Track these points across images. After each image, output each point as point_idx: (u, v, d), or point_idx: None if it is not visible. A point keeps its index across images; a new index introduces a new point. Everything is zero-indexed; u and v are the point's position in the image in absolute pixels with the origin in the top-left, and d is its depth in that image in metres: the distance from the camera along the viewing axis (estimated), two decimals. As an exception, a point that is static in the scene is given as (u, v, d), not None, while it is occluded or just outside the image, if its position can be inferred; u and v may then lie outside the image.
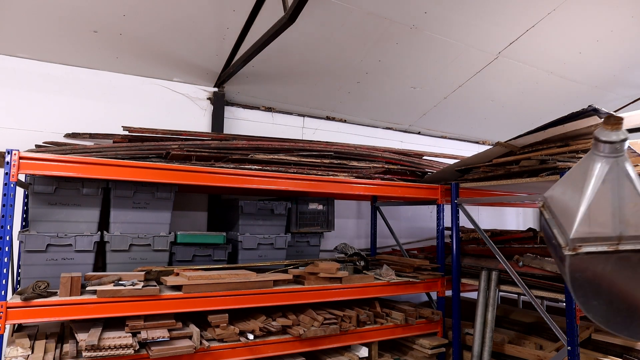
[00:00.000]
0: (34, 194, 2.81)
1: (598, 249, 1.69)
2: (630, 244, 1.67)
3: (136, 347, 2.51)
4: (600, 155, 1.69)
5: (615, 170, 1.66)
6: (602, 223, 1.68)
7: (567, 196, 1.80)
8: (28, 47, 3.48)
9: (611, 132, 1.67)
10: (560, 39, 4.22)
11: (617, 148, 1.67)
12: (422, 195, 3.97)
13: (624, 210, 1.67)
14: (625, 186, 1.66)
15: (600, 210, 1.68)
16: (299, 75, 4.31)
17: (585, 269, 1.74)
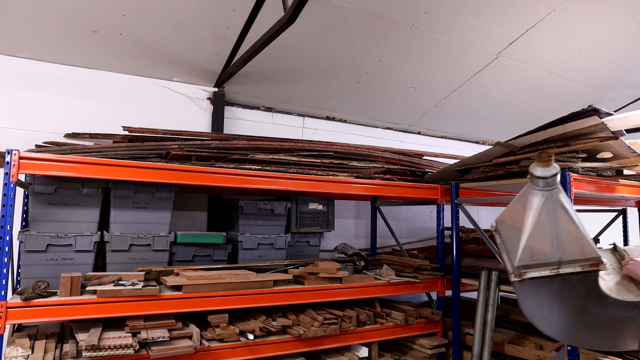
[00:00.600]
0: (34, 194, 2.81)
1: (541, 274, 1.85)
2: (570, 267, 1.83)
3: (136, 347, 2.51)
4: (536, 189, 1.84)
5: (550, 202, 1.82)
6: (542, 250, 1.84)
7: (511, 225, 1.96)
8: (28, 47, 3.48)
9: (543, 169, 1.80)
10: (560, 39, 4.22)
11: (549, 182, 1.81)
12: (422, 195, 3.97)
13: (561, 237, 1.82)
14: (560, 216, 1.81)
15: (539, 239, 1.83)
16: (299, 75, 4.31)
17: (533, 292, 1.90)
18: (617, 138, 3.06)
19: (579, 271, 1.83)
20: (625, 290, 2.04)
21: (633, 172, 3.50)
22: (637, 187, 3.54)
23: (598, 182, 3.25)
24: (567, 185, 2.95)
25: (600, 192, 3.28)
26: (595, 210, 5.60)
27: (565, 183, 2.96)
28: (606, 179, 3.34)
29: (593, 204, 5.31)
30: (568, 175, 2.96)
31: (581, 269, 1.83)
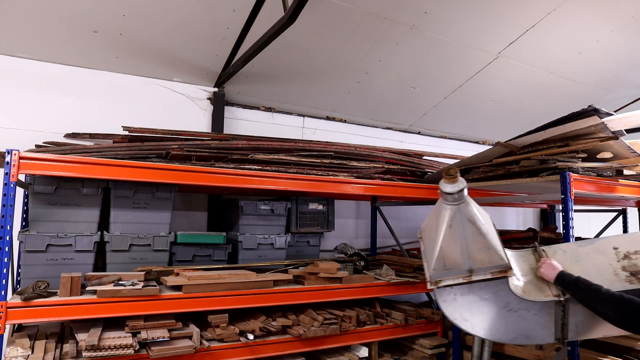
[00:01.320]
0: (34, 194, 2.81)
1: (455, 282, 2.03)
2: (481, 274, 2.00)
3: (136, 347, 2.51)
4: (446, 204, 1.98)
5: (459, 216, 1.96)
6: (454, 260, 2.00)
7: (429, 236, 2.12)
8: (28, 47, 3.48)
9: (450, 185, 1.92)
10: (560, 39, 4.22)
11: (456, 197, 1.94)
12: (422, 195, 3.96)
13: (470, 248, 1.98)
14: (468, 228, 1.96)
15: (451, 250, 1.99)
16: (299, 75, 4.31)
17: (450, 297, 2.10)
18: (617, 138, 3.06)
19: (489, 278, 2.00)
20: (537, 291, 2.19)
21: (633, 172, 3.50)
22: (637, 187, 3.53)
23: (598, 182, 3.25)
24: (567, 185, 2.95)
25: (600, 192, 3.28)
26: (595, 210, 5.60)
27: (566, 183, 2.96)
28: (606, 179, 3.34)
29: (593, 204, 5.31)
30: (568, 175, 2.96)
31: (491, 276, 2.00)
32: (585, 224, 5.69)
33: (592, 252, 2.36)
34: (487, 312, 2.11)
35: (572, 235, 2.93)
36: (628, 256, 2.26)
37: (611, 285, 2.08)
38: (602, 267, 2.24)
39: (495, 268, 1.99)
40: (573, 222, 2.97)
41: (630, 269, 2.19)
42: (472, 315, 2.11)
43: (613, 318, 1.90)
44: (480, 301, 2.09)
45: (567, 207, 2.95)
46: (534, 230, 4.77)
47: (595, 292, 1.97)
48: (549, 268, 2.18)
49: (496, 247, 1.97)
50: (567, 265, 2.25)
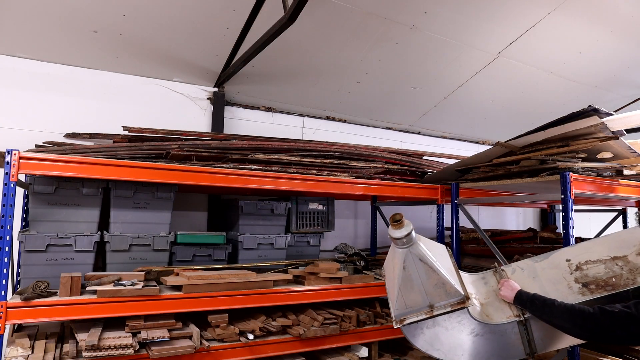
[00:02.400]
0: (34, 194, 2.81)
1: (419, 318, 2.11)
2: (441, 308, 2.09)
3: (136, 347, 2.52)
4: (397, 248, 2.10)
5: (410, 257, 2.08)
6: (413, 299, 2.10)
7: (388, 277, 2.23)
8: (28, 47, 3.48)
9: (397, 230, 2.04)
10: (560, 39, 4.22)
11: (404, 241, 2.06)
12: (422, 195, 3.96)
13: (426, 285, 2.08)
14: (420, 267, 2.07)
15: (409, 289, 2.10)
16: (299, 75, 4.31)
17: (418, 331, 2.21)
18: (617, 138, 3.06)
19: (449, 310, 2.09)
20: (499, 312, 2.25)
21: (633, 172, 3.50)
22: (637, 187, 3.53)
23: (598, 182, 3.25)
24: (567, 185, 2.96)
25: (600, 192, 3.28)
26: (596, 210, 5.60)
27: (566, 183, 2.96)
28: (606, 179, 3.34)
29: (593, 204, 5.31)
30: (568, 175, 2.96)
31: (451, 309, 2.08)
32: (585, 224, 5.69)
33: (548, 266, 2.40)
34: (456, 340, 2.19)
35: (572, 235, 2.93)
36: (580, 267, 2.30)
37: (565, 298, 2.12)
38: (557, 281, 2.29)
39: (453, 300, 2.07)
40: (573, 222, 2.97)
41: (582, 280, 2.23)
42: (443, 345, 2.21)
43: (569, 329, 1.98)
44: (447, 331, 2.18)
45: (567, 207, 2.95)
46: (534, 230, 4.76)
47: (550, 306, 2.04)
48: (507, 289, 2.25)
49: (450, 281, 2.07)
50: (525, 283, 2.31)
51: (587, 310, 1.92)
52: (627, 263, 2.20)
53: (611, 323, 1.84)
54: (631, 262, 2.19)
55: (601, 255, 2.31)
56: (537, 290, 2.19)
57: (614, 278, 2.17)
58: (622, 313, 1.83)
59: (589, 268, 2.27)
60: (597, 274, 2.23)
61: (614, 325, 1.83)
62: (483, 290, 2.41)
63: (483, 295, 2.38)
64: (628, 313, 1.82)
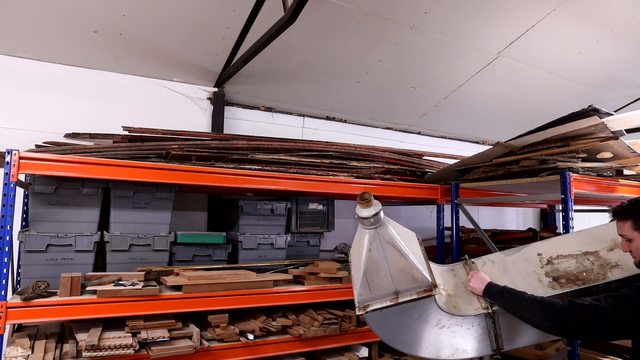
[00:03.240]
0: (34, 194, 2.81)
1: (383, 305, 1.99)
2: (407, 295, 1.97)
3: (136, 347, 2.52)
4: (364, 229, 1.96)
5: (377, 239, 1.94)
6: (379, 284, 1.98)
7: (354, 261, 2.10)
8: (28, 47, 3.47)
9: (365, 209, 1.89)
10: (560, 39, 4.22)
11: (372, 221, 1.91)
12: (422, 195, 3.96)
13: (392, 270, 1.95)
14: (388, 250, 1.94)
15: (374, 274, 1.97)
16: (299, 75, 4.31)
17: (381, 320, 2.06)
18: (617, 138, 3.06)
19: (415, 298, 1.97)
20: (467, 304, 2.17)
21: (633, 172, 3.50)
22: (637, 187, 3.54)
23: (598, 182, 3.25)
24: (567, 185, 2.96)
25: (600, 192, 3.28)
26: (596, 210, 5.60)
27: (566, 183, 2.96)
28: (606, 179, 3.34)
29: (593, 204, 5.31)
30: (568, 175, 2.96)
31: (417, 296, 1.97)
32: (585, 224, 5.67)
33: (519, 260, 2.37)
34: (421, 331, 2.10)
35: (572, 235, 2.93)
36: (551, 261, 2.28)
37: (535, 291, 2.09)
38: (527, 275, 2.25)
39: (420, 287, 1.96)
40: (573, 222, 2.98)
41: (553, 274, 2.21)
42: (407, 337, 2.11)
43: (537, 322, 1.91)
44: (412, 321, 2.07)
45: (567, 207, 2.96)
46: (534, 230, 4.77)
47: (519, 299, 1.99)
48: (477, 281, 2.19)
49: (418, 267, 1.95)
50: (495, 276, 2.26)
51: (557, 302, 1.87)
52: (599, 258, 2.19)
53: (580, 316, 1.79)
54: (602, 258, 2.19)
55: (573, 250, 2.30)
56: (507, 283, 2.13)
57: (585, 273, 2.15)
58: (592, 306, 1.79)
59: (560, 262, 2.25)
60: (568, 268, 2.21)
61: (583, 319, 1.79)
62: (452, 282, 2.35)
63: (451, 287, 2.31)
64: (598, 306, 1.78)
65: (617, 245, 2.14)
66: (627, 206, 1.93)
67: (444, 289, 2.25)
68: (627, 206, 1.93)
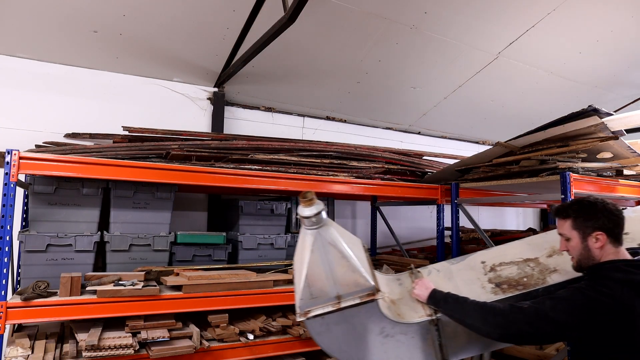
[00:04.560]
0: (34, 194, 2.81)
1: (325, 310, 1.89)
2: (350, 300, 1.89)
3: (136, 347, 2.52)
4: (306, 229, 1.86)
5: (319, 240, 1.85)
6: (320, 288, 1.88)
7: (296, 265, 2.00)
8: (28, 47, 3.47)
9: (307, 209, 1.81)
10: (560, 39, 4.22)
11: (314, 221, 1.82)
12: (422, 195, 3.96)
13: (335, 273, 1.87)
14: (330, 252, 1.85)
15: (316, 277, 1.87)
16: (299, 75, 4.31)
17: (323, 328, 1.95)
18: (617, 138, 3.06)
19: (358, 302, 1.89)
20: (411, 312, 2.11)
21: (633, 172, 3.50)
22: (637, 187, 3.53)
23: (598, 182, 3.25)
24: (567, 185, 2.96)
25: (600, 192, 3.28)
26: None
27: (566, 183, 2.96)
28: (606, 179, 3.34)
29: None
30: (568, 175, 2.96)
31: (360, 300, 1.89)
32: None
33: (463, 268, 2.37)
34: (364, 341, 2.02)
35: (572, 235, 2.93)
36: (494, 269, 2.29)
37: (478, 297, 2.06)
38: (471, 282, 2.25)
39: (363, 291, 1.89)
40: (573, 222, 2.97)
41: (495, 280, 2.21)
42: (350, 346, 2.01)
43: (479, 327, 1.87)
44: (355, 329, 1.99)
45: (567, 207, 2.95)
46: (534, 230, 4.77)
47: (462, 304, 1.96)
48: (421, 288, 2.14)
49: (361, 270, 1.88)
50: (440, 284, 2.24)
51: (498, 307, 1.85)
52: (538, 264, 2.21)
53: (520, 319, 1.77)
54: (542, 264, 2.20)
55: (515, 257, 2.31)
56: (451, 290, 2.10)
57: (526, 278, 2.16)
58: (531, 309, 1.77)
59: (503, 269, 2.27)
60: (510, 274, 2.22)
61: (523, 322, 1.76)
62: (397, 291, 2.30)
63: (397, 295, 2.25)
64: (536, 308, 1.76)
65: (556, 251, 2.15)
66: (568, 205, 1.92)
67: (389, 297, 2.19)
68: (568, 205, 1.92)
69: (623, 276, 1.70)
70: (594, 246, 1.82)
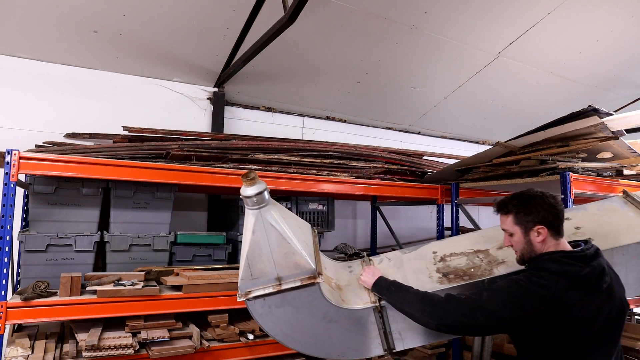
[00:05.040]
0: (34, 194, 2.81)
1: (265, 292, 1.89)
2: (290, 282, 1.88)
3: (136, 347, 2.52)
4: (248, 209, 1.86)
5: (260, 221, 1.84)
6: (261, 268, 1.87)
7: (242, 247, 1.96)
8: (28, 47, 3.47)
9: (249, 188, 1.80)
10: (560, 39, 4.22)
11: (256, 201, 1.82)
12: (422, 195, 3.96)
13: (275, 254, 1.86)
14: (271, 233, 1.84)
15: (257, 257, 1.87)
16: (299, 75, 4.31)
17: (265, 310, 1.93)
18: (617, 138, 3.06)
19: (298, 285, 1.88)
20: (356, 298, 2.09)
21: (633, 172, 3.50)
22: (637, 187, 3.53)
23: (598, 182, 3.25)
24: (567, 185, 2.96)
25: (600, 192, 3.28)
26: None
27: (566, 183, 2.96)
28: (606, 179, 3.34)
29: (593, 204, 5.30)
30: (568, 175, 2.96)
31: (301, 283, 1.88)
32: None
33: (414, 257, 2.36)
34: (308, 325, 1.98)
35: (572, 235, 2.93)
36: (444, 259, 2.28)
37: (423, 286, 2.04)
38: (419, 271, 2.23)
39: (304, 274, 1.88)
40: (573, 222, 2.97)
41: (443, 270, 2.20)
42: (294, 330, 1.98)
43: (417, 317, 1.85)
44: (297, 312, 1.95)
45: (567, 207, 2.95)
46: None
47: (404, 293, 1.93)
48: (368, 275, 2.11)
49: (301, 252, 1.87)
50: (389, 272, 2.21)
51: (437, 297, 1.83)
52: (488, 256, 2.20)
53: (456, 310, 1.74)
54: (491, 255, 2.20)
55: (466, 248, 2.30)
56: (399, 279, 2.06)
57: (473, 269, 2.14)
58: (468, 299, 1.75)
59: (453, 260, 2.25)
60: (458, 265, 2.20)
61: (459, 312, 1.73)
62: (346, 277, 2.28)
63: (344, 282, 2.23)
64: (473, 299, 1.74)
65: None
66: (508, 200, 1.89)
67: (336, 283, 2.17)
68: (508, 200, 1.89)
69: (558, 267, 1.69)
70: (536, 240, 1.80)
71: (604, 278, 1.69)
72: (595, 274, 1.68)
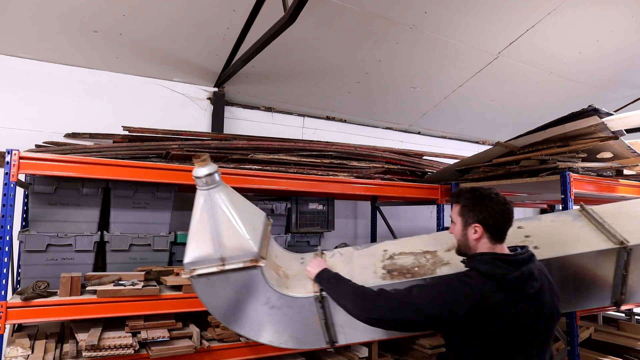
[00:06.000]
0: (34, 194, 2.81)
1: (209, 271, 1.92)
2: (233, 264, 1.92)
3: (136, 347, 2.52)
4: (199, 189, 1.90)
5: (209, 201, 1.88)
6: (205, 248, 1.91)
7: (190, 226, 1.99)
8: (28, 47, 3.47)
9: (200, 169, 1.84)
10: (560, 39, 4.22)
11: (206, 182, 1.86)
12: (422, 195, 3.96)
13: (221, 235, 1.89)
14: (218, 214, 1.88)
15: (202, 236, 1.90)
16: (299, 75, 4.31)
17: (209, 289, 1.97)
18: (617, 138, 3.06)
19: (241, 267, 1.92)
20: (300, 287, 2.11)
21: (633, 172, 3.50)
22: (637, 187, 3.53)
23: (598, 182, 3.25)
24: (567, 185, 2.96)
25: (600, 192, 3.28)
26: (595, 210, 5.59)
27: (566, 183, 2.96)
28: (606, 179, 3.34)
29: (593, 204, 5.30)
30: (568, 175, 2.96)
31: (243, 265, 1.92)
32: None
33: (365, 254, 2.38)
34: (250, 309, 2.01)
35: (572, 235, 2.93)
36: (392, 257, 2.31)
37: (366, 281, 2.06)
38: (366, 267, 2.26)
39: (246, 257, 1.91)
40: (573, 222, 2.97)
41: (389, 267, 2.23)
42: (236, 313, 2.02)
43: (350, 309, 1.86)
44: (239, 294, 1.99)
45: (567, 207, 2.95)
46: (534, 230, 4.75)
47: (341, 285, 1.95)
48: (314, 266, 2.13)
49: (246, 236, 1.90)
50: (338, 266, 2.23)
51: (370, 291, 1.84)
52: (434, 257, 2.25)
53: (385, 304, 1.75)
54: (438, 256, 2.24)
55: (415, 248, 2.36)
56: (345, 273, 2.08)
57: (417, 268, 2.18)
58: (398, 294, 1.76)
59: (400, 258, 2.29)
60: (404, 263, 2.24)
61: (388, 307, 1.74)
62: (296, 268, 2.30)
63: (293, 272, 2.25)
64: (403, 295, 1.75)
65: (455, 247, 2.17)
66: (464, 191, 1.91)
67: (284, 272, 2.19)
68: (464, 191, 1.91)
69: (487, 269, 1.70)
70: (471, 236, 1.82)
71: (531, 283, 1.70)
72: (523, 278, 1.69)
